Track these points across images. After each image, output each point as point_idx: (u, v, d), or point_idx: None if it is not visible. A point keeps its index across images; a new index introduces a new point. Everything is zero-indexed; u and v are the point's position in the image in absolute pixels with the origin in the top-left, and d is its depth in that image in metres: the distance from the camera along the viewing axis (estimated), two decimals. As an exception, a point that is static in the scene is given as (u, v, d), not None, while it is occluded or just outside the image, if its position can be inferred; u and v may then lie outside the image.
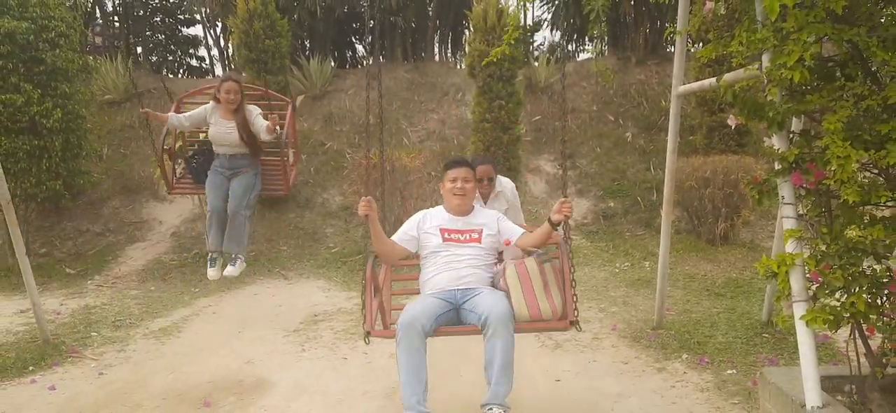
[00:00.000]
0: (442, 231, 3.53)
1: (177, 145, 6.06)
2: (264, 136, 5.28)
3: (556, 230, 3.37)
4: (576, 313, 3.17)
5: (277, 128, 5.28)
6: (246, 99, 5.51)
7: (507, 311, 3.10)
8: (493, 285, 3.39)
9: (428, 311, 3.17)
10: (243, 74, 9.22)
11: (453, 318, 3.29)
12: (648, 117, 10.18)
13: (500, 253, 3.62)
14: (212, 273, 5.40)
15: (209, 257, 5.43)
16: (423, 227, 3.58)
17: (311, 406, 3.95)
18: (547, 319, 3.18)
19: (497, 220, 3.62)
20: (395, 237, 3.59)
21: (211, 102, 5.46)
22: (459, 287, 3.34)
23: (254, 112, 5.42)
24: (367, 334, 3.25)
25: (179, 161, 6.12)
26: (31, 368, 4.72)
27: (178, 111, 5.67)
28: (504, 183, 4.70)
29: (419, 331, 3.06)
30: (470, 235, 3.51)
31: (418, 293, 3.55)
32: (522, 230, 3.60)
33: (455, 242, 3.49)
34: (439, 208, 3.67)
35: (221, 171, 5.42)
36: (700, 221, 7.63)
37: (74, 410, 3.99)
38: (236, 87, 5.37)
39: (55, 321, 5.87)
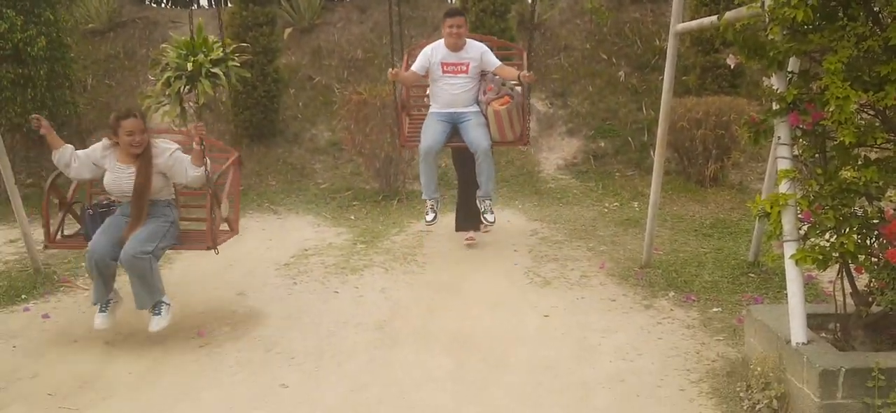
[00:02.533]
0: (442, 64, 5.15)
1: (74, 190, 4.59)
2: (190, 177, 4.06)
3: (519, 81, 5.07)
4: (527, 136, 5.28)
5: (206, 161, 4.09)
6: (150, 136, 4.15)
7: (488, 143, 5.02)
8: (478, 106, 5.18)
9: (437, 138, 5.08)
10: (229, 4, 8.99)
11: (452, 132, 5.15)
12: (642, 57, 10.09)
13: (484, 74, 5.23)
14: (99, 321, 3.92)
15: (98, 307, 3.98)
16: (432, 60, 5.15)
17: (304, 336, 4.00)
18: (510, 141, 5.21)
19: (481, 54, 5.17)
20: (413, 67, 5.22)
21: (104, 140, 4.14)
22: (455, 110, 5.16)
23: (169, 150, 4.12)
24: (402, 146, 5.74)
25: (71, 209, 4.50)
26: (23, 296, 4.73)
27: None
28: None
29: (433, 154, 5.13)
30: (460, 67, 5.15)
31: (428, 107, 5.41)
32: (499, 63, 5.22)
33: (451, 74, 5.15)
34: (440, 43, 5.21)
35: (124, 215, 4.05)
36: (690, 162, 7.65)
37: (69, 338, 4.02)
38: (140, 126, 3.99)
39: (45, 251, 5.84)
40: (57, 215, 4.41)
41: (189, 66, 7.24)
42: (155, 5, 13.01)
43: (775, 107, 3.01)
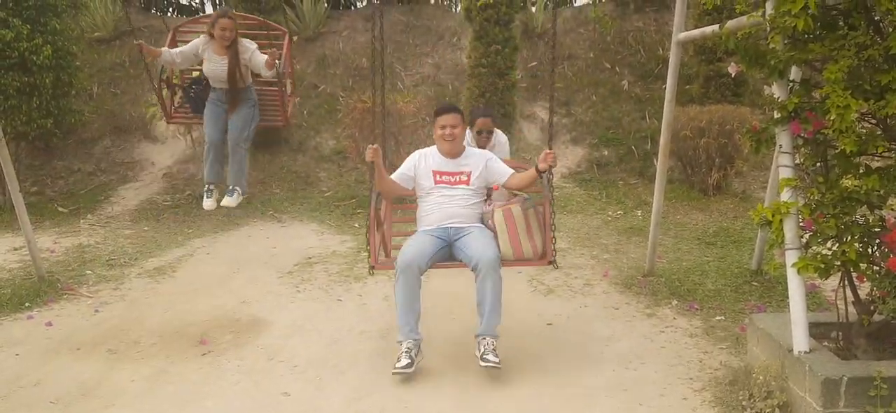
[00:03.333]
0: (434, 173, 3.88)
1: (173, 76, 6.12)
2: (263, 72, 5.36)
3: (541, 178, 3.79)
4: (554, 253, 3.71)
5: (276, 61, 5.34)
6: (241, 32, 5.56)
7: (495, 255, 3.54)
8: (482, 222, 3.85)
9: (424, 251, 3.62)
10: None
11: (446, 253, 3.76)
12: (645, 65, 10.10)
13: (490, 190, 4.05)
14: (207, 203, 5.56)
15: (206, 189, 5.59)
16: (419, 168, 3.93)
17: (307, 344, 4.00)
18: (528, 258, 3.71)
19: (486, 163, 3.93)
20: (394, 175, 3.96)
21: (203, 37, 5.46)
22: (452, 225, 3.78)
23: (250, 48, 5.44)
24: (372, 268, 3.72)
25: (177, 90, 6.16)
26: (27, 304, 4.75)
27: (173, 44, 5.70)
28: (500, 138, 5.19)
29: (415, 271, 3.54)
30: (459, 178, 3.87)
31: (415, 225, 4.02)
32: (510, 171, 3.93)
33: (446, 184, 3.86)
34: (433, 149, 3.98)
35: (219, 103, 5.51)
36: (693, 171, 7.66)
37: (72, 346, 4.03)
38: (231, 24, 5.40)
39: (49, 259, 5.88)
40: (167, 96, 6.17)
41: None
42: (160, 14, 13.09)
43: (777, 115, 3.01)
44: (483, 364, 3.39)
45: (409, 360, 3.44)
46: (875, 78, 2.71)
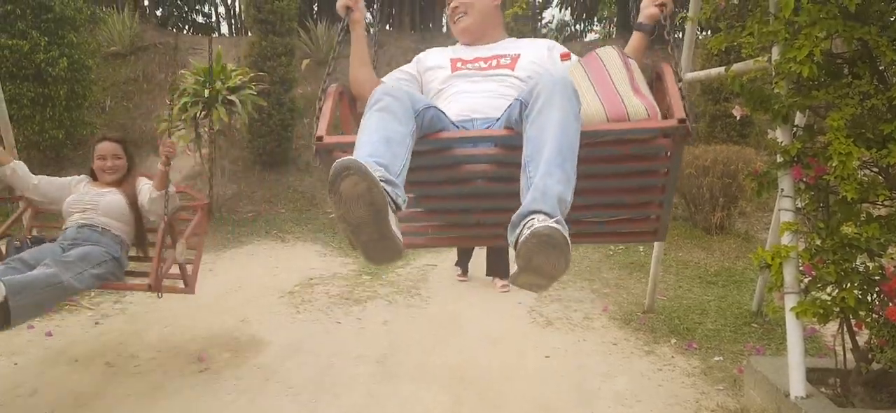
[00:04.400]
0: (454, 61, 2.48)
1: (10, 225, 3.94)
2: (148, 199, 3.60)
3: (651, 34, 2.46)
4: (687, 114, 1.94)
5: (170, 185, 3.63)
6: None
7: (566, 78, 1.91)
8: None
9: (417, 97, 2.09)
10: (249, 34, 9.17)
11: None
12: (653, 103, 10.17)
13: None
14: None
15: None
16: (427, 62, 2.56)
17: (304, 366, 4.00)
18: (638, 117, 2.03)
19: (548, 50, 2.47)
20: (385, 78, 2.58)
21: (82, 175, 3.90)
22: (476, 116, 2.28)
23: (144, 182, 3.76)
24: (319, 140, 2.20)
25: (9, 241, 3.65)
26: (28, 313, 4.76)
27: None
28: None
29: (405, 99, 1.96)
30: (499, 61, 2.41)
31: None
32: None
33: (475, 71, 2.41)
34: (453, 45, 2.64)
35: (61, 242, 3.48)
36: (697, 209, 7.66)
37: (71, 357, 4.04)
38: (116, 150, 3.75)
39: (53, 268, 5.90)
40: None
41: (206, 92, 7.41)
42: (176, 31, 13.28)
43: (779, 159, 3.03)
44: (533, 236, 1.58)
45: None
46: (878, 127, 2.73)
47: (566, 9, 13.43)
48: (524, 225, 1.63)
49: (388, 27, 12.61)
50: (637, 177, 2.28)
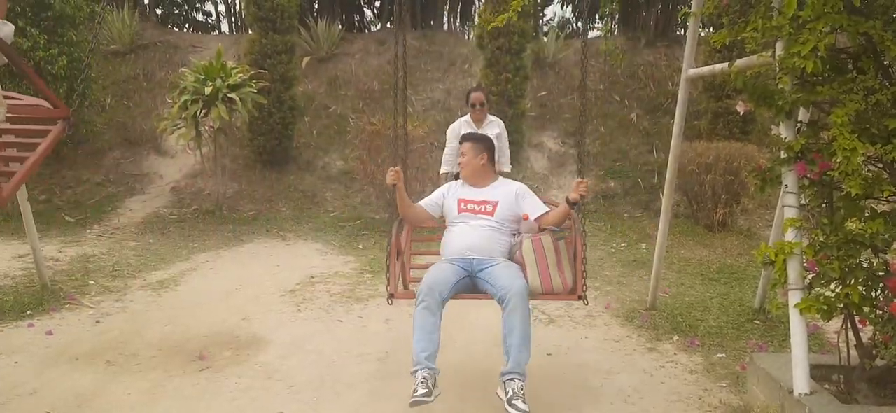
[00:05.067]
0: (459, 202, 3.73)
1: None
2: None
3: (574, 209, 3.50)
4: (584, 288, 3.39)
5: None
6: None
7: (523, 287, 3.24)
8: (510, 256, 3.55)
9: (447, 279, 3.37)
10: (249, 31, 9.15)
11: (469, 285, 3.50)
12: (654, 99, 10.15)
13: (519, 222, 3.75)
14: None
15: None
16: (448, 195, 3.81)
17: (304, 364, 3.99)
18: (558, 292, 3.41)
19: (515, 194, 3.70)
20: (422, 202, 3.83)
21: None
22: (473, 256, 3.51)
23: None
24: (391, 297, 3.50)
25: None
26: (28, 312, 4.76)
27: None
28: (496, 123, 5.90)
29: (437, 298, 3.28)
30: (484, 207, 3.67)
31: (438, 254, 3.81)
32: (545, 209, 3.67)
33: (470, 213, 3.67)
34: (456, 183, 3.91)
35: None
36: (699, 206, 7.65)
37: (71, 356, 4.03)
38: None
39: (53, 268, 5.90)
40: None
41: (207, 90, 7.39)
42: (176, 29, 13.26)
43: (783, 155, 3.01)
44: (510, 410, 2.93)
45: (427, 390, 3.00)
46: (883, 122, 2.71)
47: (567, 6, 13.40)
48: (507, 385, 3.05)
49: (388, 25, 12.59)
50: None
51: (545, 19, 14.55)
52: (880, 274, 2.81)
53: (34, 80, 3.56)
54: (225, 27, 14.84)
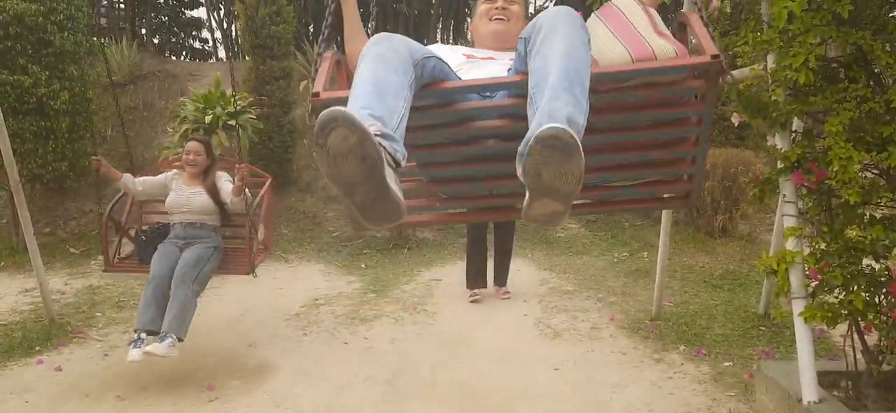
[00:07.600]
0: (467, 56, 2.34)
1: (128, 217, 4.87)
2: (229, 202, 4.52)
3: None
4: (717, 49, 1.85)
5: (246, 192, 4.43)
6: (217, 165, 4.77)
7: (571, 10, 1.80)
8: None
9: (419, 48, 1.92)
10: (246, 58, 9.21)
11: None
12: (651, 108, 10.20)
13: None
14: (134, 353, 3.88)
15: (137, 337, 3.99)
16: (438, 51, 2.18)
17: (313, 391, 4.00)
18: (667, 55, 1.88)
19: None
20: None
21: (173, 170, 4.80)
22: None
23: (223, 178, 4.71)
24: (315, 96, 2.01)
25: (131, 231, 4.86)
26: (37, 348, 4.78)
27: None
28: None
29: (401, 46, 1.84)
30: (512, 57, 2.13)
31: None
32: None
33: (487, 59, 2.32)
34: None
35: (174, 241, 4.50)
36: (699, 213, 7.68)
37: (81, 392, 4.05)
38: (199, 148, 4.68)
39: (60, 301, 5.93)
40: (114, 240, 4.82)
41: (207, 118, 7.46)
42: (174, 58, 13.35)
43: (780, 166, 3.05)
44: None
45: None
46: (877, 130, 2.74)
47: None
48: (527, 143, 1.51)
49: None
50: (666, 127, 2.06)
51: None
52: (882, 279, 2.84)
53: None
54: (222, 53, 14.93)
